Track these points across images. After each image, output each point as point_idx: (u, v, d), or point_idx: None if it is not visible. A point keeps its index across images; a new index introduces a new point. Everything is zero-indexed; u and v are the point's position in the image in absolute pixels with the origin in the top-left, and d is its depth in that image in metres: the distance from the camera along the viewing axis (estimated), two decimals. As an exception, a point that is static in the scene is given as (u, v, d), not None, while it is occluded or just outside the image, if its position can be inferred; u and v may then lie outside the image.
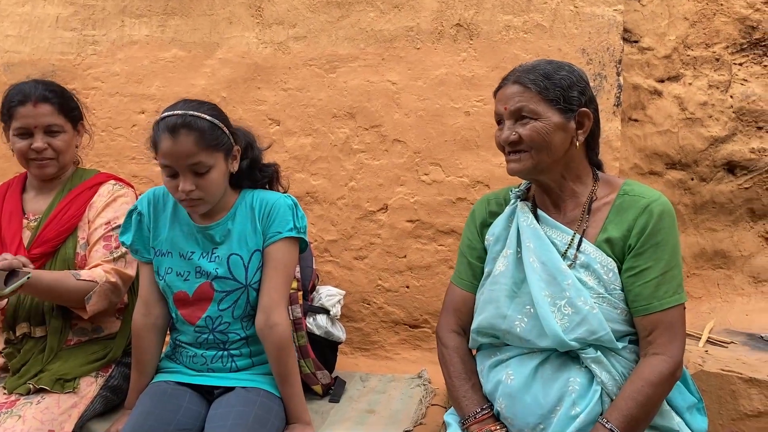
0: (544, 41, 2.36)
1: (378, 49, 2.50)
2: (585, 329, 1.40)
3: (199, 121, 1.61)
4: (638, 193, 1.47)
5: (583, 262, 1.45)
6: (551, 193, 1.55)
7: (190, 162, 1.60)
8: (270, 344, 1.70)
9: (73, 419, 1.71)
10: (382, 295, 2.54)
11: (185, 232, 1.77)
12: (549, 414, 1.43)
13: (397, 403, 2.05)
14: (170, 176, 1.63)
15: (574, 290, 1.42)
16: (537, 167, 1.47)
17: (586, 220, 1.49)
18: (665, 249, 1.42)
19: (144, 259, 1.80)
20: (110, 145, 2.75)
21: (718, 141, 2.67)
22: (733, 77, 2.69)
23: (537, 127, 1.43)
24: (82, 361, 1.84)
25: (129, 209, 1.81)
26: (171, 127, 1.59)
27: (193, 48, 2.67)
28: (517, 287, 1.51)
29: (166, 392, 1.72)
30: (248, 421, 1.60)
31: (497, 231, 1.60)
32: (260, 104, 2.60)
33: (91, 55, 2.77)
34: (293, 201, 1.78)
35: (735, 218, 2.73)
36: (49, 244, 1.89)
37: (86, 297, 1.78)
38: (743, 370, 1.76)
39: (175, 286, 1.75)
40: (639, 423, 1.36)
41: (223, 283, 1.73)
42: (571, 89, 1.45)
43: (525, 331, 1.47)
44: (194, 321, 1.76)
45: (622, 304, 1.44)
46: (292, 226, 1.74)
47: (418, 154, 2.47)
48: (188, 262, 1.74)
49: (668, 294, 1.40)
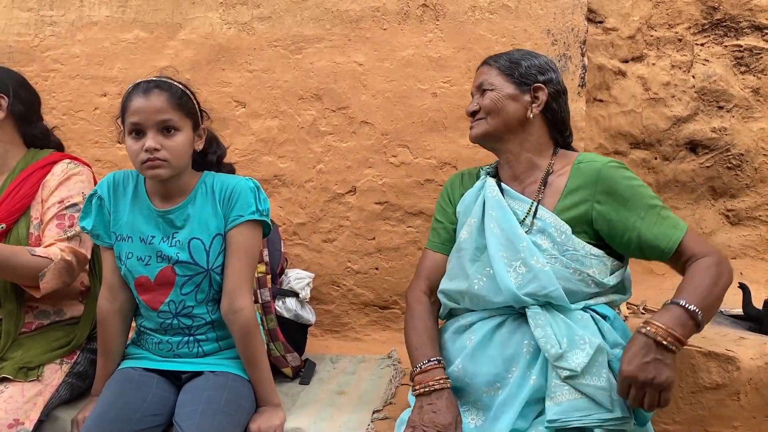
0: (510, 21, 2.36)
1: (344, 30, 2.47)
2: (536, 285, 1.48)
3: (172, 85, 1.66)
4: (590, 159, 1.60)
5: (540, 227, 1.55)
6: (512, 165, 1.67)
7: (160, 118, 1.61)
8: (235, 329, 1.70)
9: (38, 407, 1.69)
10: (351, 277, 2.54)
11: (145, 216, 1.74)
12: (505, 374, 1.48)
13: (367, 384, 2.06)
14: (136, 137, 1.62)
15: (528, 252, 1.51)
16: (492, 133, 1.64)
17: (542, 191, 1.61)
18: (637, 198, 1.51)
19: (105, 244, 1.77)
20: (72, 128, 2.68)
21: (681, 121, 2.72)
22: (695, 57, 2.73)
23: (491, 95, 1.62)
24: (45, 348, 1.80)
25: (89, 194, 1.77)
26: (144, 87, 1.63)
27: (155, 29, 2.62)
28: (479, 252, 1.61)
29: (133, 378, 1.70)
30: (220, 405, 1.60)
31: (467, 202, 1.72)
32: (225, 86, 2.57)
33: (50, 36, 2.69)
34: (255, 184, 1.75)
35: (697, 196, 2.79)
36: (1, 223, 1.83)
37: (40, 273, 1.72)
38: (702, 344, 1.81)
39: (136, 271, 1.73)
40: (706, 295, 1.38)
41: (184, 268, 1.71)
42: (530, 68, 1.63)
43: (482, 289, 1.56)
44: (157, 306, 1.74)
45: (576, 264, 1.50)
46: (254, 209, 1.71)
47: (386, 135, 2.47)
48: (149, 247, 1.72)
49: (674, 227, 1.49)
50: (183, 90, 1.68)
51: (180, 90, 1.67)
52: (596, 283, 1.51)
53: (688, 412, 1.79)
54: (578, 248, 1.51)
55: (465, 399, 1.55)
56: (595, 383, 1.38)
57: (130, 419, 1.58)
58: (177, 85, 1.68)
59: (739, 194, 2.77)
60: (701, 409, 1.78)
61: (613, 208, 1.52)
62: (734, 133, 2.71)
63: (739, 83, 2.71)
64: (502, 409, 1.44)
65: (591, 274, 1.50)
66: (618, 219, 1.51)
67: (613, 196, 1.52)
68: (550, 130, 1.68)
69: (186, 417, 1.57)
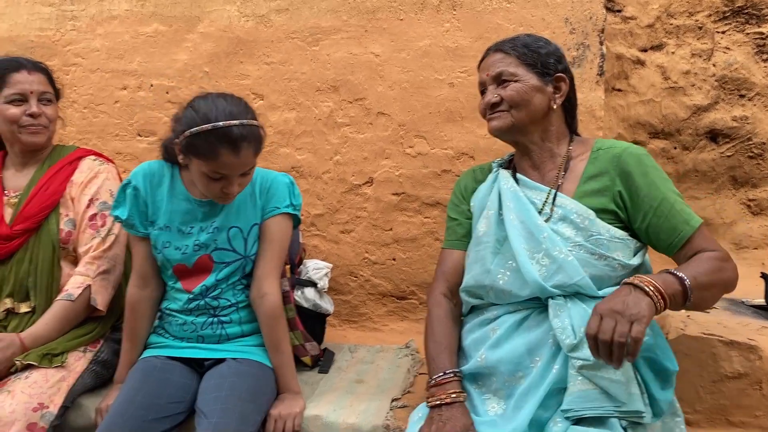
0: (528, 11, 2.35)
1: (361, 21, 2.48)
2: (562, 275, 1.46)
3: (256, 130, 1.63)
4: (610, 145, 1.58)
5: (560, 215, 1.53)
6: (531, 155, 1.65)
7: (245, 170, 1.64)
8: (262, 313, 1.75)
9: (62, 392, 1.72)
10: (368, 268, 2.55)
11: (184, 206, 1.77)
12: (528, 363, 1.46)
13: (385, 373, 2.07)
14: (214, 180, 1.63)
15: (550, 242, 1.49)
16: (516, 126, 1.59)
17: (562, 176, 1.59)
18: (656, 186, 1.49)
19: (140, 233, 1.79)
20: (93, 122, 2.72)
21: (701, 109, 2.69)
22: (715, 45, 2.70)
23: (516, 87, 1.56)
24: (69, 336, 1.84)
25: (122, 183, 1.79)
26: (234, 140, 1.56)
27: (174, 22, 2.64)
28: (500, 244, 1.59)
29: (156, 366, 1.73)
30: (241, 391, 1.62)
31: (481, 196, 1.70)
32: (243, 79, 2.58)
33: (71, 31, 2.73)
34: (291, 180, 1.85)
35: (717, 186, 2.76)
36: (32, 220, 1.88)
37: (91, 302, 1.86)
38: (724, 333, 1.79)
39: (174, 259, 1.77)
40: (704, 286, 1.35)
41: (222, 255, 1.77)
42: (549, 56, 1.59)
43: (507, 284, 1.53)
44: (191, 289, 1.79)
45: (602, 249, 1.47)
46: (288, 203, 1.81)
47: (403, 126, 2.47)
48: (187, 236, 1.76)
49: (682, 225, 1.46)
50: (262, 128, 1.66)
51: (262, 132, 1.66)
52: (622, 266, 1.48)
53: (709, 402, 1.78)
54: (603, 232, 1.48)
55: (487, 387, 1.53)
56: (611, 376, 1.35)
57: (153, 406, 1.61)
58: (258, 126, 1.64)
59: (760, 183, 2.73)
60: (723, 399, 1.76)
61: (629, 194, 1.50)
62: (756, 121, 2.67)
63: (761, 71, 2.67)
64: (525, 398, 1.43)
65: (616, 257, 1.47)
66: (632, 206, 1.50)
67: (630, 182, 1.50)
68: (566, 118, 1.66)
69: (208, 403, 1.59)
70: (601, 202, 1.52)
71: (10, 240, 1.87)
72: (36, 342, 1.77)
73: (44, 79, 1.96)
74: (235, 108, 1.60)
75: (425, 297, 2.51)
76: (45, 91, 1.94)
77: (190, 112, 1.60)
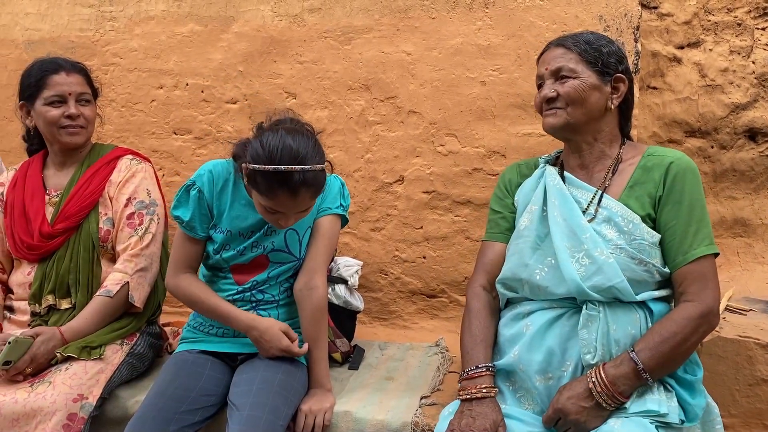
0: (561, 8, 2.33)
1: (393, 20, 2.48)
2: (600, 277, 1.45)
3: (318, 174, 1.62)
4: (662, 153, 1.56)
5: (605, 216, 1.52)
6: (581, 155, 1.63)
7: (301, 210, 1.66)
8: (308, 305, 1.78)
9: (101, 384, 1.77)
10: (399, 266, 2.56)
11: (245, 209, 1.79)
12: (559, 366, 1.47)
13: (415, 371, 2.08)
14: (271, 213, 1.65)
15: (592, 242, 1.48)
16: (571, 124, 1.57)
17: (609, 178, 1.58)
18: (687, 204, 1.48)
19: (199, 236, 1.80)
20: (130, 120, 2.78)
21: (739, 108, 2.63)
22: (755, 42, 2.64)
23: (574, 84, 1.54)
24: (106, 330, 1.89)
25: (185, 184, 1.78)
26: (293, 185, 1.56)
27: (209, 22, 2.68)
28: (540, 240, 1.58)
29: (188, 360, 1.77)
30: (273, 386, 1.65)
31: (526, 190, 1.70)
32: (276, 78, 2.61)
33: (110, 32, 2.79)
34: (342, 182, 1.90)
35: (756, 186, 2.70)
36: (72, 219, 1.94)
37: (129, 299, 1.91)
38: (760, 335, 1.76)
39: (231, 260, 1.81)
40: (664, 358, 1.39)
41: (278, 255, 1.82)
42: (610, 56, 1.56)
43: (544, 280, 1.53)
44: (243, 282, 1.83)
45: (642, 255, 1.46)
46: (338, 204, 1.85)
47: (434, 125, 2.47)
48: (247, 240, 1.80)
49: (695, 246, 1.45)
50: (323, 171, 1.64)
51: (323, 176, 1.65)
52: (660, 273, 1.48)
53: (744, 405, 1.74)
54: (646, 237, 1.47)
55: (519, 385, 1.55)
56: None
57: (185, 398, 1.64)
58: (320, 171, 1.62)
59: (801, 184, 2.66)
60: (759, 402, 1.73)
61: (662, 201, 1.50)
62: (797, 120, 2.60)
63: (803, 68, 2.60)
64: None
65: (655, 264, 1.47)
66: (658, 212, 1.50)
67: (667, 190, 1.50)
68: (620, 120, 1.64)
69: (240, 396, 1.62)
70: (645, 207, 1.51)
71: (52, 238, 1.93)
72: (75, 335, 1.82)
73: (82, 79, 2.00)
74: (302, 149, 1.57)
75: (455, 295, 2.51)
76: (83, 92, 1.99)
77: (257, 145, 1.58)
